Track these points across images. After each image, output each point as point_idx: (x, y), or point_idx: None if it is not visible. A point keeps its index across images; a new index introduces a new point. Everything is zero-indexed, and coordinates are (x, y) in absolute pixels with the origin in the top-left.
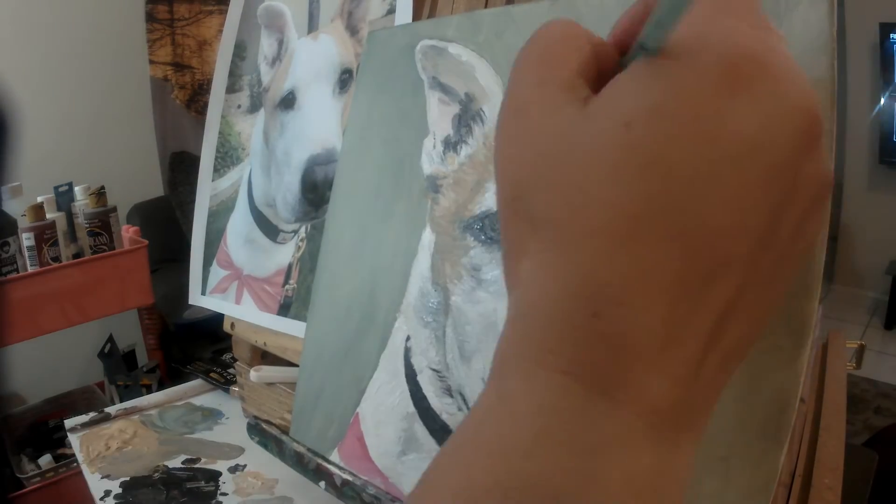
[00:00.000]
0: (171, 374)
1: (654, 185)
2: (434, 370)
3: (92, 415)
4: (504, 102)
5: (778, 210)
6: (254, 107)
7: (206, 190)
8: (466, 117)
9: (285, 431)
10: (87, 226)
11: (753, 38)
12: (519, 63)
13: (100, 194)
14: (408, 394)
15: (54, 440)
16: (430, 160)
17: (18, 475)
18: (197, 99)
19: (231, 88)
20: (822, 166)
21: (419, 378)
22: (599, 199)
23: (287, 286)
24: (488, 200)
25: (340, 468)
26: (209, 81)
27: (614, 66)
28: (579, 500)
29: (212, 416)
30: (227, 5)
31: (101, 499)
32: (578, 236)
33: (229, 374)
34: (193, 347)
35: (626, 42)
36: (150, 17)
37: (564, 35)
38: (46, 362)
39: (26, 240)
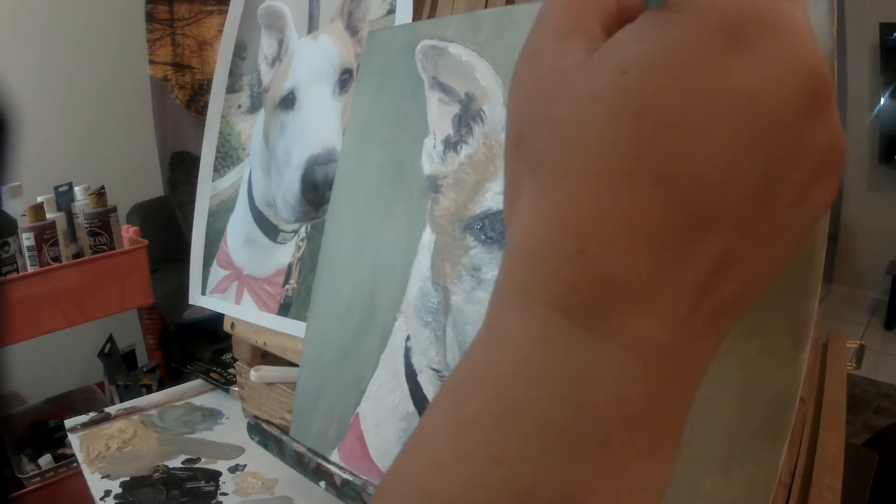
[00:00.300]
0: (171, 374)
1: (645, 131)
2: (434, 370)
3: (92, 415)
4: (524, 46)
5: (777, 170)
6: (254, 107)
7: (206, 190)
8: (466, 117)
9: (285, 431)
10: (87, 226)
11: None
12: (544, 9)
13: (100, 194)
14: (408, 393)
15: (54, 440)
16: (431, 160)
17: (18, 475)
18: (197, 99)
19: (231, 88)
20: (832, 133)
21: (419, 378)
22: (591, 140)
23: (287, 286)
24: (488, 200)
25: (340, 468)
26: (209, 81)
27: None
28: (566, 425)
29: (212, 416)
30: (227, 5)
31: (101, 499)
32: (568, 175)
33: (229, 374)
34: (193, 347)
35: None
36: (150, 17)
37: None
38: (46, 362)
39: (26, 240)
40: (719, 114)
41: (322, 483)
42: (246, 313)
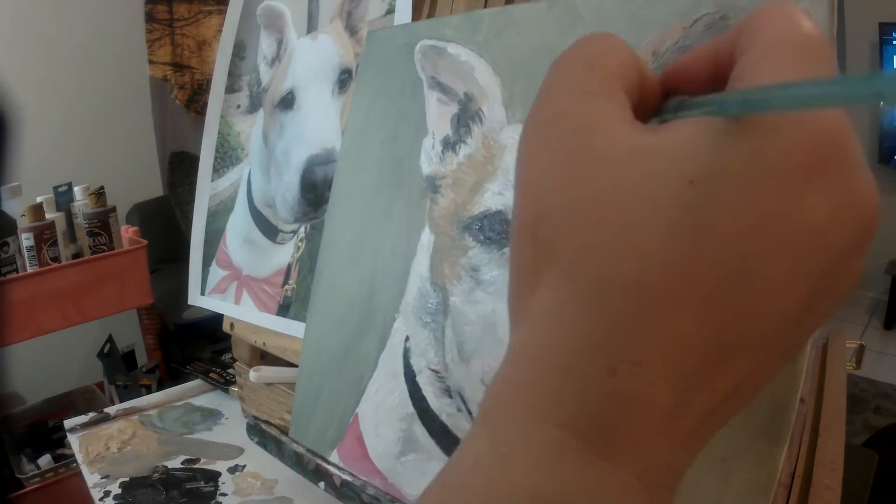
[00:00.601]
0: (170, 375)
1: (705, 250)
2: (433, 370)
3: (91, 415)
4: (535, 108)
5: (816, 300)
6: (253, 107)
7: (206, 190)
8: (465, 117)
9: (285, 432)
10: (87, 226)
11: (841, 122)
12: (557, 67)
13: (99, 194)
14: (407, 394)
15: (54, 440)
16: (429, 160)
17: (18, 475)
18: (196, 99)
19: (230, 88)
20: (864, 262)
21: (418, 378)
22: (644, 251)
23: (286, 286)
24: (487, 200)
25: (340, 469)
26: (208, 81)
27: (654, 104)
28: None
29: (211, 416)
30: (227, 5)
31: (101, 499)
32: (606, 282)
33: (229, 374)
34: (193, 348)
35: (677, 81)
36: (150, 17)
37: (615, 49)
38: (46, 362)
39: (26, 240)
40: (785, 244)
41: (321, 483)
42: (245, 314)
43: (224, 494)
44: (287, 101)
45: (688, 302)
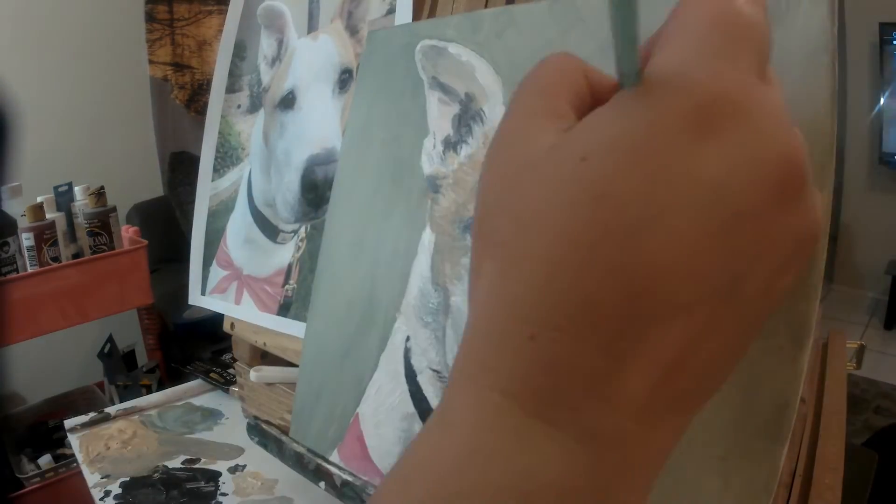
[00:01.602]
0: (170, 375)
1: (602, 217)
2: (434, 371)
3: (92, 415)
4: (497, 130)
5: (742, 261)
6: (253, 107)
7: (206, 190)
8: (466, 117)
9: (285, 432)
10: (87, 226)
11: (739, 83)
12: (514, 94)
13: (99, 194)
14: (408, 394)
15: (54, 440)
16: (430, 160)
17: (18, 475)
18: (197, 99)
19: (231, 88)
20: (807, 219)
21: (419, 378)
22: (546, 224)
23: (287, 286)
24: None
25: (340, 468)
26: (209, 81)
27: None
28: None
29: (211, 416)
30: (227, 5)
31: (101, 499)
32: (524, 259)
33: (229, 374)
34: (193, 347)
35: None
36: (150, 17)
37: (560, 67)
38: (46, 362)
39: (26, 240)
40: (680, 202)
41: (322, 483)
42: (245, 313)
43: (224, 494)
44: (288, 101)
45: (593, 269)
